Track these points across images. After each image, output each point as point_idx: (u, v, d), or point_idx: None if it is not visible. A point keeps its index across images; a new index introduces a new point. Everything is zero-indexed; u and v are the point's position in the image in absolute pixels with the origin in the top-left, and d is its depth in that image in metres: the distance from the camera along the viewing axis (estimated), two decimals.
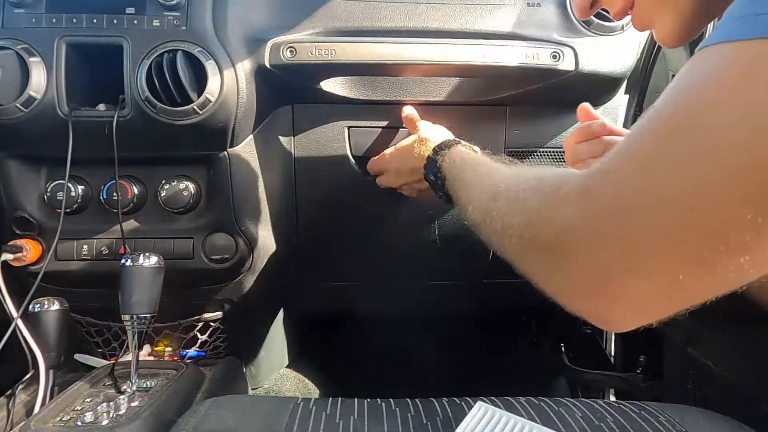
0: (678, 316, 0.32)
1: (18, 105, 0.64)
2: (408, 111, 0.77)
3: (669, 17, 0.40)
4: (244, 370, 0.96)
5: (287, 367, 1.14)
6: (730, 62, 0.26)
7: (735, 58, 0.26)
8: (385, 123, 0.81)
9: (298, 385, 1.11)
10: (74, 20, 0.66)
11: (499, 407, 0.48)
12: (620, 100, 0.81)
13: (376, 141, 0.79)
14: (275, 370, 1.10)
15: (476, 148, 0.64)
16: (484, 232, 0.44)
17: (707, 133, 0.26)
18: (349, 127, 0.80)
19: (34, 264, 0.74)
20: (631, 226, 0.29)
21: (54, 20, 0.66)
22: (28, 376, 0.73)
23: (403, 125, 0.81)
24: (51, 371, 0.68)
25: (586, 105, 0.67)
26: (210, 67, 0.66)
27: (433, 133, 0.70)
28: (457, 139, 0.66)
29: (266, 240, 0.82)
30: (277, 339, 1.11)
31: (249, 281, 0.84)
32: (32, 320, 0.69)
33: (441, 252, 0.88)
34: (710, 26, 0.44)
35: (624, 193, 0.30)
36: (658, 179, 0.28)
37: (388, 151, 0.76)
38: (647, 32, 0.78)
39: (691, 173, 0.27)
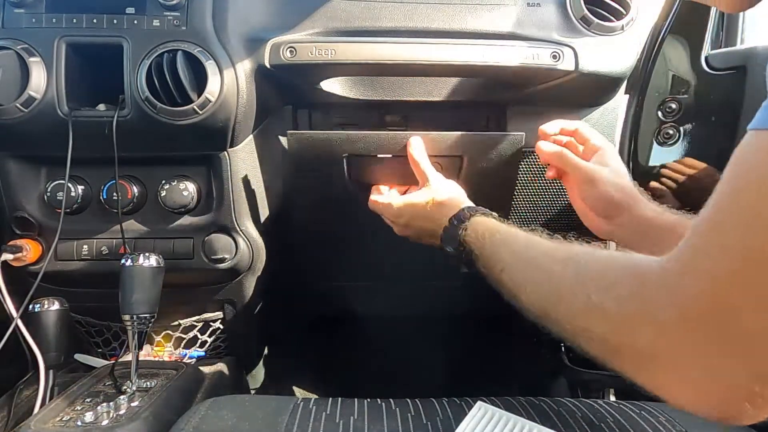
0: None
1: (18, 105, 0.64)
2: (416, 153, 0.70)
3: None
4: (244, 370, 0.96)
5: (287, 367, 1.14)
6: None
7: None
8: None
9: (298, 385, 1.11)
10: (74, 20, 0.66)
11: (499, 407, 0.48)
12: (620, 100, 0.81)
13: (375, 143, 0.78)
14: (275, 370, 1.10)
15: (494, 214, 0.60)
16: (546, 323, 0.42)
17: None
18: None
19: (34, 264, 0.74)
20: (738, 323, 0.27)
21: (54, 20, 0.66)
22: (28, 376, 0.73)
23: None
24: (51, 371, 0.68)
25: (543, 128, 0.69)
26: (210, 67, 0.66)
27: (447, 194, 0.65)
28: (474, 206, 0.62)
29: (266, 240, 0.82)
30: (277, 339, 1.11)
31: (249, 281, 0.84)
32: (32, 320, 0.69)
33: (441, 252, 0.88)
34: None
35: (719, 284, 0.28)
36: (756, 265, 0.26)
37: (396, 202, 0.69)
38: (647, 32, 0.78)
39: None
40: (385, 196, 0.72)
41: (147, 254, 0.66)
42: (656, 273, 0.32)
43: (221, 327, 0.88)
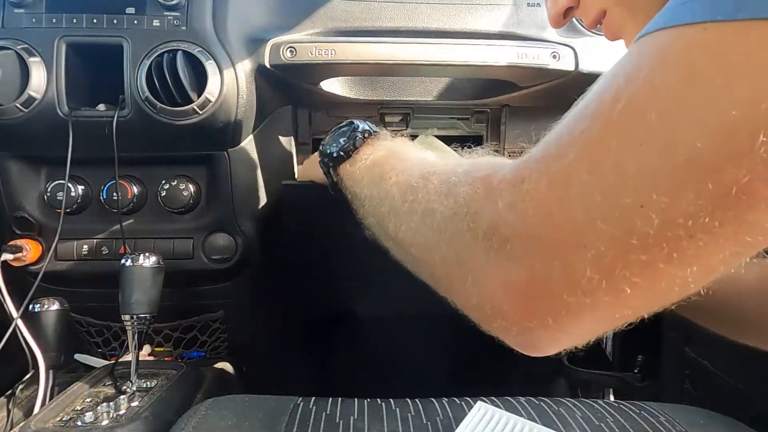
0: (676, 316, 0.32)
1: (18, 105, 0.64)
2: None
3: (640, 27, 0.39)
4: (244, 370, 0.96)
5: (287, 367, 1.14)
6: (668, 48, 0.24)
7: (672, 45, 0.24)
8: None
9: (298, 385, 1.11)
10: (74, 20, 0.66)
11: (499, 407, 0.48)
12: None
13: None
14: (275, 369, 1.10)
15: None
16: (399, 213, 0.38)
17: (651, 124, 0.24)
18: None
19: (34, 264, 0.74)
20: (571, 229, 0.26)
21: (54, 20, 0.66)
22: (28, 376, 0.73)
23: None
24: (51, 371, 0.68)
25: None
26: (210, 67, 0.66)
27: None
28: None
29: (266, 240, 0.82)
30: (277, 339, 1.11)
31: (249, 281, 0.84)
32: (32, 320, 0.69)
33: None
34: None
35: (563, 181, 0.26)
36: (601, 172, 0.25)
37: None
38: None
39: (638, 164, 0.24)
40: None
41: (147, 254, 0.66)
42: (510, 164, 0.31)
43: (221, 327, 0.88)
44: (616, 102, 0.25)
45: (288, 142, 0.80)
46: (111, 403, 0.57)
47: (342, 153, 0.50)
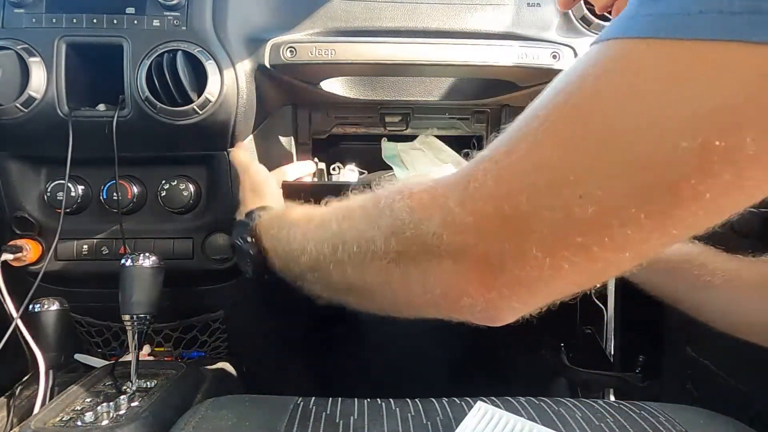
0: (677, 315, 0.32)
1: (18, 105, 0.64)
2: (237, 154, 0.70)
3: None
4: (244, 370, 0.96)
5: (287, 367, 1.14)
6: (613, 58, 0.26)
7: (617, 56, 0.26)
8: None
9: (298, 385, 1.11)
10: (74, 20, 0.66)
11: (499, 407, 0.48)
12: None
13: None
14: (275, 369, 1.10)
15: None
16: (332, 266, 0.40)
17: (593, 126, 0.26)
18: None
19: (34, 264, 0.74)
20: (518, 216, 0.28)
21: (54, 20, 0.66)
22: (28, 376, 0.73)
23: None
24: (51, 371, 0.68)
25: None
26: (210, 67, 0.66)
27: (249, 193, 0.64)
28: (271, 206, 0.59)
29: None
30: (277, 339, 1.11)
31: (249, 281, 0.84)
32: (32, 320, 0.69)
33: None
34: None
35: (511, 175, 0.29)
36: (547, 166, 0.28)
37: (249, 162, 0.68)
38: None
39: (579, 160, 0.27)
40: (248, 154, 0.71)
41: (147, 254, 0.66)
42: (452, 173, 0.33)
43: (221, 327, 0.88)
44: (564, 104, 0.28)
45: (288, 142, 0.80)
46: (111, 403, 0.57)
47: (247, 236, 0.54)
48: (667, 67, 0.24)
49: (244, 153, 0.72)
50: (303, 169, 0.76)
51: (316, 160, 0.81)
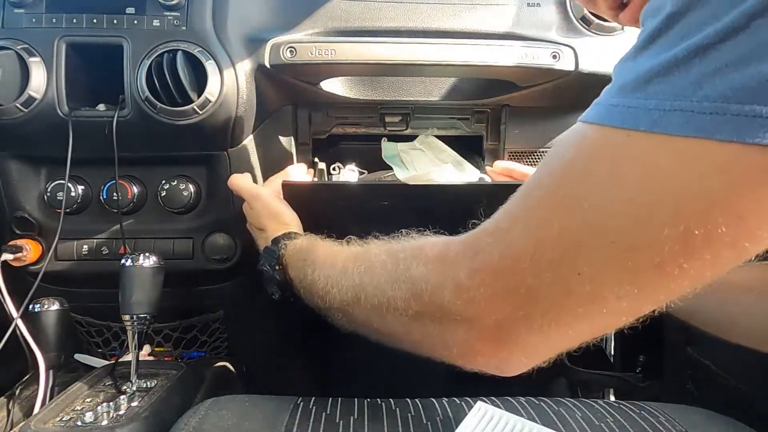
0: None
1: (18, 105, 0.64)
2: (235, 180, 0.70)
3: None
4: (244, 370, 0.96)
5: (287, 367, 1.14)
6: (599, 144, 0.30)
7: (602, 143, 0.29)
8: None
9: (298, 385, 1.11)
10: (74, 20, 0.66)
11: (499, 407, 0.48)
12: None
13: (373, 193, 0.77)
14: (275, 369, 1.10)
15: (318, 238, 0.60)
16: (356, 311, 0.44)
17: (583, 210, 0.29)
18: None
19: (34, 264, 0.74)
20: (524, 290, 0.31)
21: (54, 20, 0.66)
22: (28, 376, 0.73)
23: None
24: (51, 371, 0.68)
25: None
26: (210, 67, 0.66)
27: (272, 220, 0.65)
28: (295, 232, 0.61)
29: None
30: (277, 339, 1.10)
31: (249, 281, 0.84)
32: (32, 320, 0.69)
33: None
34: None
35: (514, 252, 0.32)
36: (545, 245, 0.31)
37: (255, 186, 0.69)
38: None
39: (574, 241, 0.30)
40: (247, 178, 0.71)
41: (147, 254, 0.66)
42: (462, 238, 0.36)
43: (221, 327, 0.88)
44: (556, 187, 0.31)
45: (288, 142, 0.80)
46: (111, 403, 0.57)
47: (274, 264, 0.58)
48: (646, 159, 0.27)
49: (245, 179, 0.70)
50: (298, 174, 0.76)
51: (316, 159, 0.81)
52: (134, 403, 0.58)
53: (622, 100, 0.28)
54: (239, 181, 0.70)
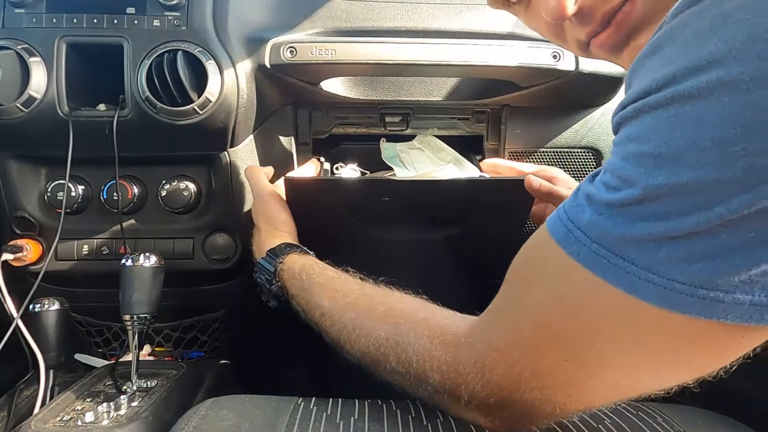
0: None
1: (18, 105, 0.64)
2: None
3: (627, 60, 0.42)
4: (244, 370, 0.96)
5: (287, 367, 1.14)
6: (570, 276, 0.33)
7: (573, 275, 0.32)
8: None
9: (298, 385, 1.11)
10: (74, 20, 0.66)
11: None
12: (620, 100, 0.81)
13: (376, 189, 0.76)
14: (275, 369, 1.10)
15: (311, 253, 0.61)
16: (377, 373, 0.47)
17: (555, 326, 0.34)
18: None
19: (34, 264, 0.74)
20: (523, 398, 0.36)
21: (54, 20, 0.66)
22: (28, 376, 0.73)
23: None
24: (51, 371, 0.68)
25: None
26: (210, 67, 0.66)
27: (264, 222, 0.66)
28: (290, 243, 0.62)
29: None
30: (277, 339, 1.11)
31: (249, 281, 0.84)
32: (32, 320, 0.69)
33: (442, 254, 0.88)
34: None
35: (515, 370, 0.36)
36: (539, 367, 0.35)
37: (267, 182, 0.70)
38: None
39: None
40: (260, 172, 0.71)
41: (147, 254, 0.66)
42: (466, 348, 0.39)
43: (221, 327, 0.88)
44: (547, 321, 0.35)
45: (288, 142, 0.80)
46: (111, 403, 0.57)
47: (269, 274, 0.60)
48: (626, 319, 0.31)
49: (257, 172, 0.71)
50: (308, 172, 0.76)
51: (322, 159, 0.81)
52: (134, 403, 0.58)
53: (602, 250, 0.31)
54: (250, 173, 0.71)
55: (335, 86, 0.78)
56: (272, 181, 0.74)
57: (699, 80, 0.25)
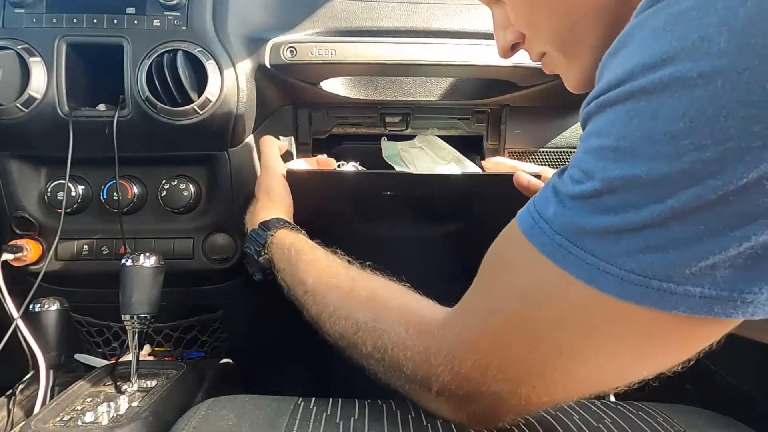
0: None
1: (18, 105, 0.64)
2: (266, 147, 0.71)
3: (576, 70, 0.44)
4: (244, 370, 0.96)
5: (287, 367, 1.14)
6: (535, 268, 0.33)
7: (538, 268, 0.33)
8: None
9: (298, 385, 1.11)
10: (74, 20, 0.66)
11: None
12: None
13: (376, 182, 0.76)
14: (275, 370, 1.10)
15: (303, 231, 0.61)
16: (352, 355, 0.48)
17: (520, 319, 0.35)
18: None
19: (34, 264, 0.74)
20: (492, 391, 0.36)
21: (54, 20, 0.66)
22: (28, 376, 0.73)
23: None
24: (51, 371, 0.68)
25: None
26: (210, 67, 0.66)
27: (264, 194, 0.66)
28: (283, 219, 0.62)
29: None
30: (277, 339, 1.11)
31: (249, 281, 0.84)
32: (32, 320, 0.69)
33: (442, 253, 0.89)
34: None
35: (483, 361, 0.36)
36: (500, 343, 0.36)
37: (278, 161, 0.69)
38: None
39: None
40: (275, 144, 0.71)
41: (147, 254, 0.66)
42: (437, 339, 0.40)
43: (221, 327, 0.88)
44: (511, 300, 0.36)
45: (288, 142, 0.80)
46: (111, 403, 0.57)
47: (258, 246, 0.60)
48: (585, 310, 0.32)
49: (272, 143, 0.70)
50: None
51: (325, 156, 0.80)
52: (134, 403, 0.58)
53: (565, 242, 0.31)
54: (264, 143, 0.70)
55: (335, 86, 0.78)
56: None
57: (654, 76, 0.26)
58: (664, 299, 0.28)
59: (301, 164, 0.75)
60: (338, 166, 0.81)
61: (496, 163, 0.77)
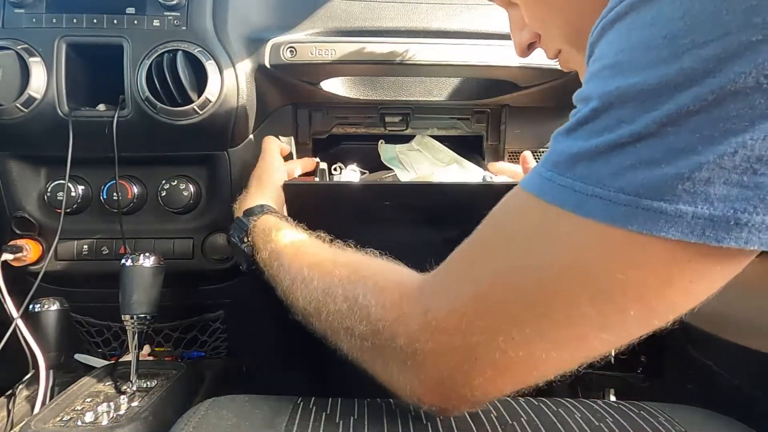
0: (678, 316, 0.33)
1: (18, 105, 0.64)
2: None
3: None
4: (244, 370, 0.96)
5: (287, 367, 1.14)
6: (532, 215, 0.32)
7: (537, 216, 0.32)
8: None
9: (298, 385, 1.11)
10: (74, 20, 0.67)
11: (498, 408, 0.48)
12: None
13: (374, 192, 0.76)
14: (275, 370, 1.10)
15: (285, 216, 0.61)
16: (317, 324, 0.47)
17: (515, 265, 0.33)
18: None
19: (34, 264, 0.74)
20: (465, 344, 0.34)
21: (54, 20, 0.66)
22: (28, 376, 0.73)
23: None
24: (51, 371, 0.68)
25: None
26: (210, 67, 0.66)
27: (255, 184, 0.66)
28: (269, 206, 0.62)
29: None
30: (277, 339, 1.11)
31: (249, 281, 0.84)
32: (32, 320, 0.69)
33: (442, 252, 0.88)
34: None
35: (457, 312, 0.35)
36: (482, 303, 0.34)
37: (277, 158, 0.71)
38: None
39: (507, 306, 0.33)
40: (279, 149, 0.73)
41: (147, 254, 0.66)
42: (415, 289, 0.38)
43: (221, 327, 0.88)
44: (493, 252, 0.35)
45: (288, 142, 0.80)
46: (111, 403, 0.57)
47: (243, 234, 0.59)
48: (572, 239, 0.30)
49: (274, 142, 0.72)
50: (306, 167, 0.76)
51: (317, 160, 0.81)
52: (134, 403, 0.58)
53: (554, 176, 0.31)
54: (267, 142, 0.72)
55: (335, 86, 0.78)
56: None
57: None
58: (653, 220, 0.27)
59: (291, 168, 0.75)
60: (336, 168, 0.81)
61: (501, 170, 0.77)
